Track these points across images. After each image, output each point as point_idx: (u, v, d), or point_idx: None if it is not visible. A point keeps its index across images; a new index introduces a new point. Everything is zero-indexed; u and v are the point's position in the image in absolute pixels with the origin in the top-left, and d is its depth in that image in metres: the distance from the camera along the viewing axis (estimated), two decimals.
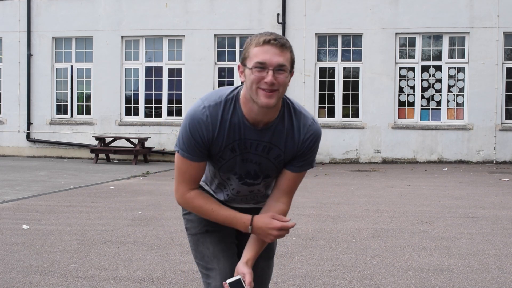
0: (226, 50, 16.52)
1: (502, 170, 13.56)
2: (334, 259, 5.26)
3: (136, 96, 17.01)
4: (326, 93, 16.11)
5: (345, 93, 16.02)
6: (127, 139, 16.03)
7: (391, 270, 4.90)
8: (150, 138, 16.28)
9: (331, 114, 16.08)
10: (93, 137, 16.34)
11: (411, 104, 15.81)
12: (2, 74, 17.64)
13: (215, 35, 16.39)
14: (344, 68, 16.06)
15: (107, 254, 5.41)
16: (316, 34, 15.99)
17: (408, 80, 15.81)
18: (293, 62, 2.29)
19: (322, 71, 16.14)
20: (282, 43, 2.24)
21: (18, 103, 17.39)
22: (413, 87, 15.80)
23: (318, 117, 16.01)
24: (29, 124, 17.31)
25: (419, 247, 5.71)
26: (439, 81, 15.73)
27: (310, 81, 15.97)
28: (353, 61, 16.06)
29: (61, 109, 17.41)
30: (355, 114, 15.95)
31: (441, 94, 15.71)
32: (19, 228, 6.55)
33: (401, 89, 15.84)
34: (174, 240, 6.00)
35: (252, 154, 2.39)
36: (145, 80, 16.92)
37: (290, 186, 2.47)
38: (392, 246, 5.76)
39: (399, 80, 15.82)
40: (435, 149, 15.55)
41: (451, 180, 11.63)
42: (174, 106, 16.78)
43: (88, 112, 17.27)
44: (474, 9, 15.35)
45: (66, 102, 17.35)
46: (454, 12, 15.44)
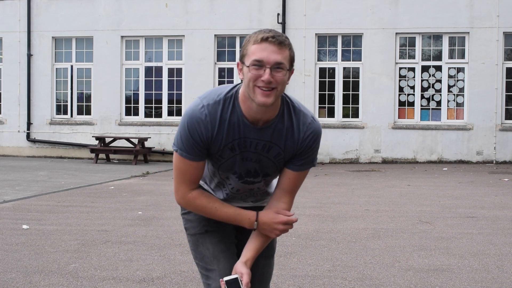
0: (226, 50, 16.52)
1: (502, 170, 13.56)
2: (334, 259, 5.26)
3: (136, 96, 17.01)
4: (326, 93, 16.11)
5: (345, 93, 16.02)
6: (127, 139, 16.03)
7: (391, 270, 4.90)
8: (150, 138, 16.29)
9: (331, 114, 16.09)
10: (93, 137, 16.34)
11: (411, 104, 15.81)
12: (2, 74, 17.64)
13: (215, 35, 16.40)
14: (344, 68, 16.06)
15: (107, 254, 5.41)
16: (316, 34, 15.99)
17: (408, 80, 15.81)
18: (292, 60, 2.26)
19: (322, 71, 16.14)
20: (281, 41, 2.20)
21: (18, 103, 17.40)
22: (413, 87, 15.80)
23: (318, 117, 16.00)
24: (29, 124, 17.31)
25: (419, 247, 5.71)
26: (439, 81, 15.74)
27: (310, 81, 15.97)
28: (353, 61, 16.06)
29: (61, 109, 17.41)
30: (355, 114, 15.96)
31: (441, 94, 15.71)
32: (19, 228, 6.56)
33: (401, 89, 15.84)
34: (174, 240, 6.00)
35: (251, 152, 2.36)
36: (145, 80, 16.92)
37: (292, 185, 2.44)
38: (392, 246, 5.76)
39: (399, 80, 15.82)
40: (435, 149, 15.55)
41: (451, 180, 11.63)
42: (174, 106, 16.78)
43: (88, 112, 17.27)
44: (474, 9, 15.36)
45: (66, 102, 17.35)
46: (454, 12, 15.44)
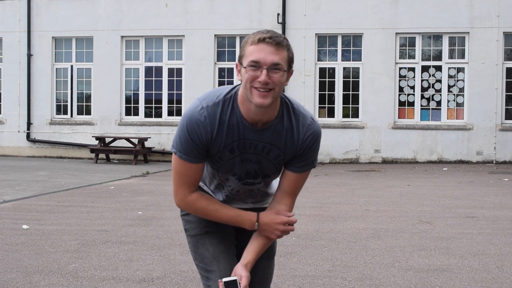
0: (226, 50, 16.52)
1: (502, 170, 13.56)
2: (334, 259, 5.26)
3: (136, 96, 17.01)
4: (326, 93, 16.11)
5: (345, 93, 16.02)
6: (127, 139, 16.03)
7: (391, 270, 4.90)
8: (150, 138, 16.29)
9: (331, 114, 16.08)
10: (93, 137, 16.34)
11: (411, 104, 15.81)
12: (2, 74, 17.64)
13: (215, 35, 16.40)
14: (344, 68, 16.06)
15: (107, 254, 5.41)
16: (316, 34, 15.99)
17: (408, 80, 15.81)
18: (291, 61, 2.24)
19: (322, 71, 16.14)
20: (278, 41, 2.19)
21: (18, 103, 17.40)
22: (413, 87, 15.80)
23: (318, 117, 16.01)
24: (29, 124, 17.31)
25: (419, 247, 5.71)
26: (439, 81, 15.73)
27: (310, 81, 15.97)
28: (353, 61, 16.06)
29: (61, 109, 17.41)
30: (355, 114, 15.95)
31: (441, 94, 15.71)
32: (19, 228, 6.56)
33: (401, 89, 15.84)
34: (174, 240, 6.00)
35: (251, 154, 2.35)
36: (145, 80, 16.92)
37: (292, 187, 2.43)
38: (392, 246, 5.76)
39: (399, 80, 15.82)
40: (435, 149, 15.55)
41: (451, 180, 11.63)
42: (174, 106, 16.78)
43: (88, 112, 17.27)
44: (474, 9, 15.35)
45: (66, 102, 17.35)
46: (454, 12, 15.44)
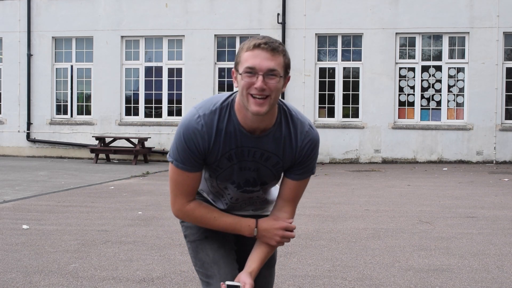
0: (226, 50, 16.52)
1: (502, 170, 13.56)
2: (334, 259, 5.26)
3: (136, 96, 17.01)
4: (326, 93, 16.11)
5: (345, 93, 16.02)
6: (127, 139, 16.03)
7: (391, 270, 4.90)
8: (150, 138, 16.29)
9: (331, 114, 16.08)
10: (93, 137, 16.34)
11: (411, 104, 15.81)
12: (2, 74, 17.64)
13: (215, 35, 16.40)
14: (344, 68, 16.06)
15: (107, 254, 5.41)
16: (316, 34, 15.99)
17: (408, 80, 15.81)
18: (287, 67, 2.22)
19: (322, 71, 16.14)
20: (273, 47, 2.16)
21: (18, 103, 17.40)
22: (413, 87, 15.80)
23: (318, 117, 16.02)
24: (29, 124, 17.31)
25: (419, 247, 5.71)
26: (439, 81, 15.74)
27: (310, 81, 15.97)
28: (353, 61, 16.06)
29: (61, 109, 17.41)
30: (355, 114, 15.95)
31: (441, 94, 15.71)
32: (19, 228, 6.55)
33: (401, 89, 15.84)
34: (174, 240, 6.00)
35: (249, 162, 2.33)
36: (145, 80, 16.92)
37: (293, 195, 2.42)
38: (392, 246, 5.76)
39: (399, 80, 15.82)
40: (435, 149, 15.55)
41: (451, 180, 11.63)
42: (174, 106, 16.78)
43: (88, 112, 17.27)
44: (474, 9, 15.35)
45: (66, 102, 17.35)
46: (454, 12, 15.44)
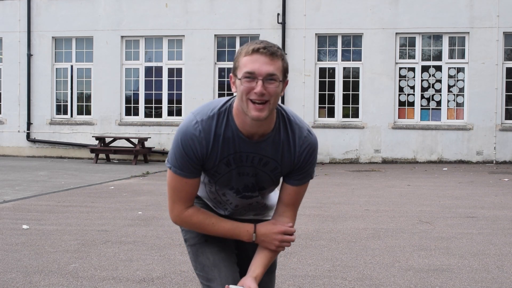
0: (226, 50, 16.52)
1: (502, 170, 13.56)
2: (334, 259, 5.26)
3: (136, 96, 17.01)
4: (326, 93, 16.11)
5: (345, 93, 16.02)
6: (127, 139, 16.03)
7: (391, 270, 4.90)
8: (150, 138, 16.29)
9: (331, 114, 16.08)
10: (93, 137, 16.34)
11: (411, 104, 15.81)
12: (2, 74, 17.64)
13: (215, 35, 16.39)
14: (344, 68, 16.06)
15: (107, 254, 5.41)
16: (316, 34, 15.99)
17: (408, 80, 15.81)
18: (285, 71, 2.21)
19: (322, 71, 16.14)
20: (272, 52, 2.16)
21: (18, 103, 17.40)
22: (413, 87, 15.80)
23: (318, 117, 16.02)
24: (29, 124, 17.31)
25: (419, 247, 5.71)
26: (439, 81, 15.73)
27: (310, 81, 15.97)
28: (353, 61, 16.06)
29: (61, 109, 17.41)
30: (355, 114, 15.95)
31: (441, 94, 15.71)
32: (19, 228, 6.55)
33: (401, 89, 15.84)
34: (174, 240, 6.00)
35: (247, 167, 2.33)
36: (145, 80, 16.92)
37: (293, 200, 2.43)
38: (392, 246, 5.76)
39: (399, 80, 15.82)
40: (435, 149, 15.55)
41: (451, 180, 11.63)
42: (174, 106, 16.78)
43: (88, 112, 17.27)
44: (474, 9, 15.35)
45: (66, 102, 17.35)
46: (454, 12, 15.44)
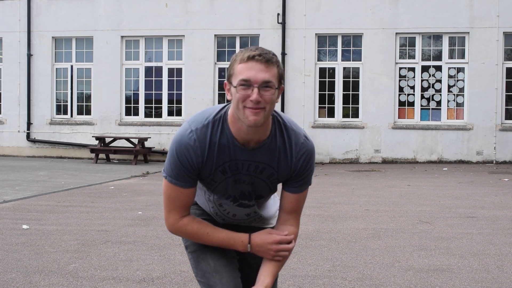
0: (226, 50, 16.52)
1: (502, 170, 13.56)
2: (334, 259, 5.26)
3: (136, 96, 17.01)
4: (326, 93, 16.11)
5: (345, 93, 16.02)
6: (127, 139, 16.03)
7: (391, 270, 4.90)
8: (150, 138, 16.29)
9: (331, 114, 16.08)
10: (93, 137, 16.34)
11: (411, 104, 15.81)
12: (2, 74, 17.64)
13: (215, 35, 16.39)
14: (344, 68, 16.06)
15: (107, 254, 5.41)
16: (316, 34, 15.99)
17: (408, 80, 15.81)
18: (281, 78, 2.20)
19: (322, 71, 16.14)
20: (268, 58, 2.15)
21: (18, 103, 17.40)
22: (413, 87, 15.80)
23: (318, 117, 16.02)
24: (29, 124, 17.31)
25: (419, 247, 5.71)
26: (439, 81, 15.73)
27: (310, 81, 15.97)
28: (353, 61, 16.06)
29: (61, 109, 17.41)
30: (355, 114, 15.95)
31: (441, 94, 15.71)
32: (19, 228, 6.55)
33: (401, 89, 15.84)
34: (174, 240, 5.99)
35: (243, 175, 2.32)
36: (145, 80, 16.92)
37: (294, 207, 2.41)
38: (392, 246, 5.76)
39: (399, 80, 15.82)
40: (435, 149, 15.55)
41: (451, 180, 11.63)
42: (174, 106, 16.78)
43: (88, 112, 17.27)
44: (474, 9, 15.35)
45: (66, 102, 17.35)
46: (454, 12, 15.44)
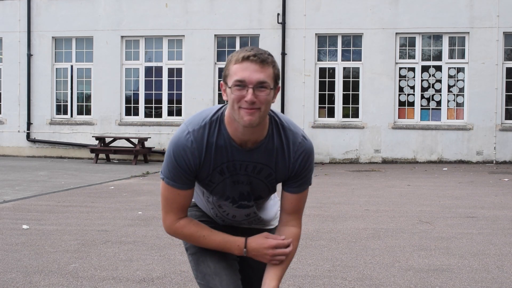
0: (226, 50, 16.52)
1: (502, 170, 13.56)
2: (334, 259, 5.26)
3: (136, 96, 17.01)
4: (326, 93, 16.11)
5: (345, 93, 16.02)
6: (127, 139, 16.03)
7: (391, 270, 4.90)
8: (150, 138, 16.29)
9: (331, 114, 16.08)
10: (93, 137, 16.34)
11: (411, 104, 15.81)
12: (2, 74, 17.64)
13: (215, 35, 16.39)
14: (344, 68, 16.06)
15: (107, 254, 5.41)
16: (316, 34, 15.99)
17: (408, 80, 15.81)
18: (277, 78, 2.19)
19: (322, 71, 16.14)
20: (263, 59, 2.14)
21: (18, 103, 17.40)
22: (413, 87, 15.80)
23: (318, 117, 16.02)
24: (29, 124, 17.31)
25: (419, 247, 5.71)
26: (439, 81, 15.73)
27: (310, 81, 15.97)
28: (353, 61, 16.05)
29: (61, 109, 17.41)
30: (355, 114, 15.95)
31: (441, 94, 15.71)
32: (19, 228, 6.55)
33: (401, 89, 15.84)
34: (174, 240, 5.99)
35: (241, 175, 2.31)
36: (145, 80, 16.92)
37: (295, 208, 2.40)
38: (392, 246, 5.76)
39: (399, 80, 15.82)
40: (435, 149, 15.55)
41: (451, 180, 11.63)
42: (174, 106, 16.78)
43: (88, 112, 17.27)
44: (474, 9, 15.35)
45: (66, 102, 17.35)
46: (454, 12, 15.44)
